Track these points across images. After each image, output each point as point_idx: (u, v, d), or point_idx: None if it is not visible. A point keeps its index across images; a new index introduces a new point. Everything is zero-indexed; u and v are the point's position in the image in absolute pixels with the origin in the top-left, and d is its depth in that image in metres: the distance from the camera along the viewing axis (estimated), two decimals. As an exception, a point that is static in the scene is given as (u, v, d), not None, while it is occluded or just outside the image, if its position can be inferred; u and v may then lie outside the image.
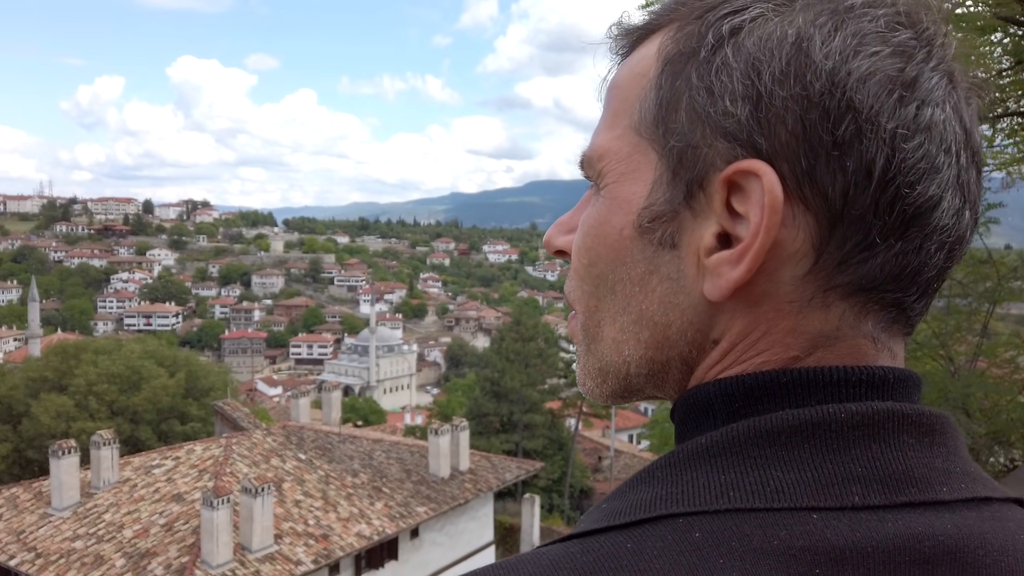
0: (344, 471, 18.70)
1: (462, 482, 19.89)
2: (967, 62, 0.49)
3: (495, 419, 30.99)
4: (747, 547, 0.39)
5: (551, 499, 28.94)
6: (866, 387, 0.45)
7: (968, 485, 0.44)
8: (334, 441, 20.35)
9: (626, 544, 0.40)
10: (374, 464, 19.59)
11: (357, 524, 16.81)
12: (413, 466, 19.96)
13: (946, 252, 0.46)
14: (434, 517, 18.20)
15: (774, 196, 0.43)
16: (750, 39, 0.45)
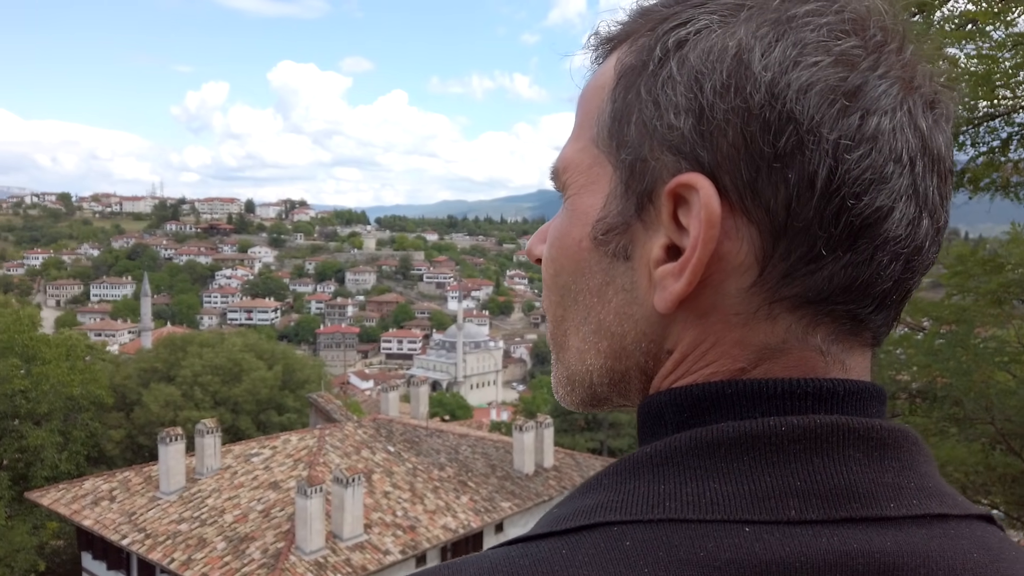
0: (431, 464, 19.04)
1: (546, 479, 19.91)
2: (939, 66, 0.48)
3: (580, 417, 30.86)
4: (673, 557, 0.39)
5: (637, 499, 28.61)
6: (812, 400, 0.44)
7: (922, 501, 0.43)
8: (422, 435, 20.75)
9: (561, 550, 0.41)
10: (460, 458, 19.85)
11: (443, 517, 17.09)
12: (498, 461, 20.13)
13: (902, 263, 0.45)
14: (518, 513, 18.29)
15: (710, 210, 0.43)
16: (694, 52, 0.45)
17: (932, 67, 0.48)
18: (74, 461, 24.01)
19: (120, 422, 26.71)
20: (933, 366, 3.94)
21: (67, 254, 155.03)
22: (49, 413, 23.66)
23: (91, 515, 17.14)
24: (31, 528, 20.91)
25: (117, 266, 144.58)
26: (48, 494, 18.35)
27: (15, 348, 23.93)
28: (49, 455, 22.93)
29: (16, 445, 23.02)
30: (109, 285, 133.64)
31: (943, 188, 0.46)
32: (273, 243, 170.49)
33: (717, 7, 0.46)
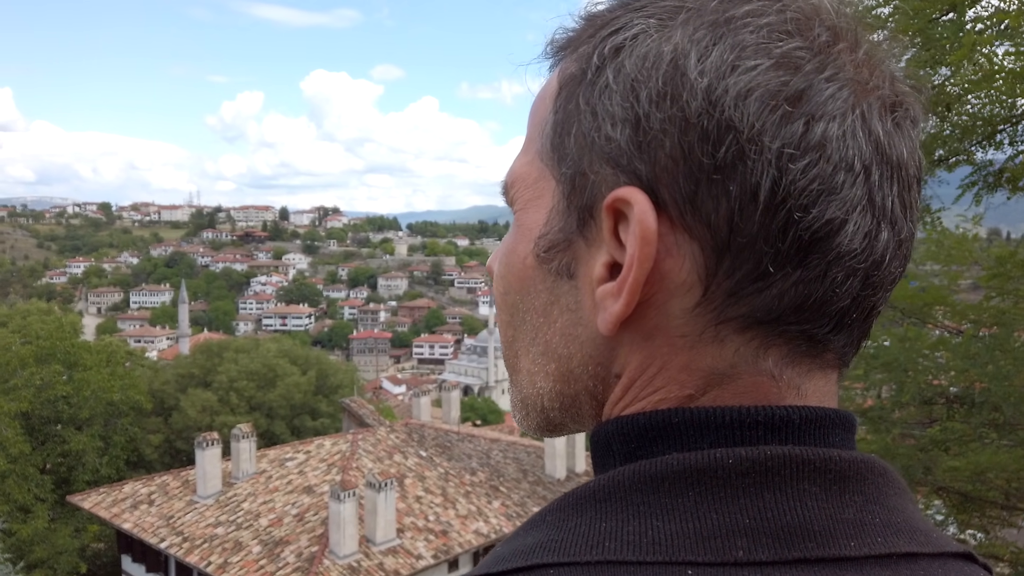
0: (463, 469, 19.08)
1: (578, 484, 19.82)
2: (904, 64, 0.46)
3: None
4: None
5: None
6: (763, 429, 0.41)
7: (887, 539, 0.39)
8: (453, 439, 20.81)
9: None
10: (491, 463, 19.87)
11: (475, 522, 17.11)
12: (529, 466, 20.11)
13: (860, 279, 0.42)
14: (551, 518, 18.24)
15: (644, 226, 0.41)
16: (630, 59, 0.43)
17: (896, 67, 0.45)
18: (114, 465, 24.52)
19: (158, 427, 27.21)
20: (971, 370, 3.85)
21: (108, 262, 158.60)
22: (90, 418, 24.21)
23: (130, 518, 17.47)
24: (73, 531, 21.40)
25: (156, 274, 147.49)
26: (89, 498, 18.75)
27: (57, 355, 24.57)
28: (90, 459, 23.46)
29: (59, 450, 23.59)
30: (148, 292, 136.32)
31: (907, 197, 0.43)
32: (307, 250, 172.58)
33: (656, 10, 0.43)
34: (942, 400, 4.33)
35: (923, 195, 2.74)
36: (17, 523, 19.58)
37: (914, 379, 3.99)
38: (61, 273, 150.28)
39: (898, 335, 4.19)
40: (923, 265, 4.62)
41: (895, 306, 4.27)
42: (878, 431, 4.25)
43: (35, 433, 23.43)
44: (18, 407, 22.35)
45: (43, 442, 23.65)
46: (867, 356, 4.10)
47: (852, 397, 4.56)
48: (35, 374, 23.36)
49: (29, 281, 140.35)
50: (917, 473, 4.15)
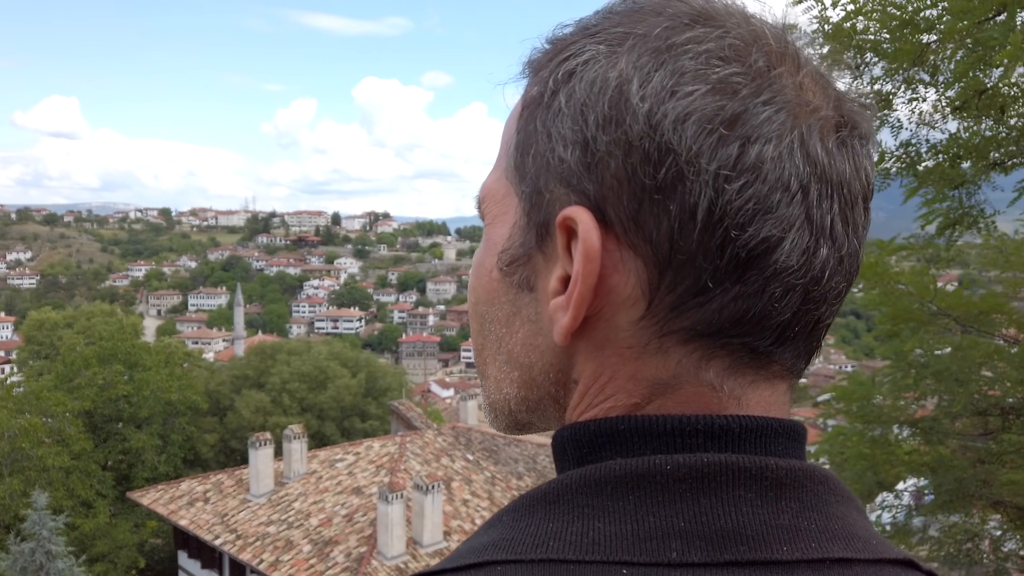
0: (509, 473, 19.12)
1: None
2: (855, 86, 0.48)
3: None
4: None
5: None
6: (703, 437, 0.43)
7: (822, 544, 0.41)
8: (500, 443, 20.87)
9: None
10: (538, 468, 19.86)
11: (521, 526, 17.13)
12: (577, 472, 20.06)
13: (799, 295, 0.43)
14: (597, 524, 18.14)
15: (587, 244, 0.43)
16: (580, 84, 0.45)
17: (845, 87, 0.46)
18: (172, 463, 25.22)
19: (214, 426, 27.89)
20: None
21: (167, 266, 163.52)
22: (149, 417, 24.95)
23: (187, 515, 17.98)
24: (132, 526, 22.08)
25: (213, 277, 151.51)
26: (148, 494, 19.34)
27: (119, 355, 25.39)
28: (149, 457, 24.16)
29: (120, 447, 24.37)
30: (205, 295, 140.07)
31: (849, 214, 0.44)
32: (358, 254, 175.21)
33: (606, 37, 0.45)
34: (997, 411, 4.20)
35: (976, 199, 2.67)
36: (80, 518, 20.27)
37: (967, 389, 3.87)
38: (123, 276, 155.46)
39: (952, 343, 4.08)
40: (985, 271, 4.49)
41: (949, 314, 4.16)
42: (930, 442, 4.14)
43: (97, 431, 24.26)
44: (81, 405, 23.18)
45: (105, 440, 24.48)
46: (918, 365, 4.00)
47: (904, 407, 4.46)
48: (97, 374, 24.19)
49: (93, 284, 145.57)
50: (972, 486, 4.02)
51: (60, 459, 20.92)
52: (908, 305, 4.18)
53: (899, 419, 4.58)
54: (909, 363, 4.24)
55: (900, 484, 5.40)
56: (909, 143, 3.53)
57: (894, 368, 4.46)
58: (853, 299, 4.95)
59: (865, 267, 4.26)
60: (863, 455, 4.73)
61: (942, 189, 3.58)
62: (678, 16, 0.45)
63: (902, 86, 3.32)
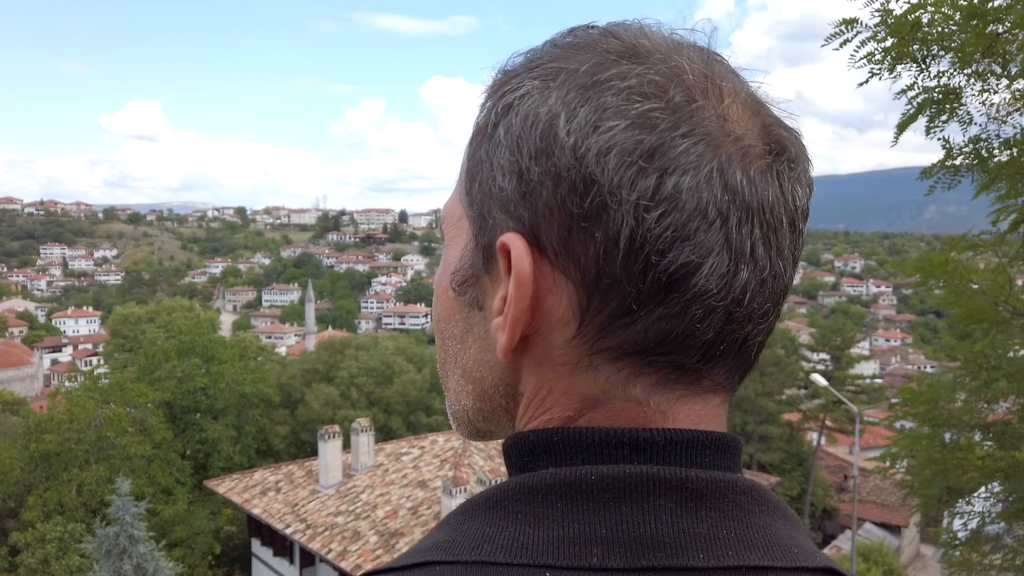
0: (572, 471, 19.10)
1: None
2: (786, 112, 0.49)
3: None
4: None
5: (789, 516, 27.23)
6: (628, 449, 0.45)
7: (739, 553, 0.42)
8: (563, 441, 20.84)
9: None
10: (601, 466, 19.80)
11: (584, 524, 17.09)
12: (640, 471, 19.88)
13: (722, 316, 0.45)
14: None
15: (518, 269, 0.46)
16: (516, 117, 0.48)
17: (773, 114, 0.48)
18: (246, 454, 26.09)
19: (286, 419, 28.69)
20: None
21: (242, 263, 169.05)
22: (225, 409, 25.87)
23: (259, 504, 18.60)
24: (209, 513, 22.93)
25: (285, 274, 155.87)
26: (223, 483, 20.09)
27: (197, 349, 26.41)
28: (225, 447, 25.04)
29: (197, 437, 25.35)
30: (278, 291, 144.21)
31: (772, 237, 0.46)
32: (424, 251, 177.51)
33: (542, 72, 0.48)
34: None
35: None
36: (160, 504, 21.14)
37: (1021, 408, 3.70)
38: (201, 273, 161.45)
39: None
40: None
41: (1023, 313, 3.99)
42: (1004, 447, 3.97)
43: (177, 421, 25.28)
44: (162, 397, 24.19)
45: (183, 430, 25.49)
46: (989, 366, 3.85)
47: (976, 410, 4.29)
48: (177, 366, 25.20)
49: (174, 280, 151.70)
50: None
51: (142, 448, 21.92)
52: (982, 305, 4.02)
53: (970, 423, 4.42)
54: (980, 365, 4.08)
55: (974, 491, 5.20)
56: (979, 138, 3.40)
57: (965, 370, 4.30)
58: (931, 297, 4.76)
59: (934, 264, 4.12)
60: (933, 459, 4.58)
61: (1015, 185, 3.44)
62: (607, 52, 0.47)
63: (972, 79, 3.20)
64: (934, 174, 3.60)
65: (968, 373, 4.24)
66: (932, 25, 3.05)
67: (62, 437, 21.30)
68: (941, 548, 6.70)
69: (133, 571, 14.18)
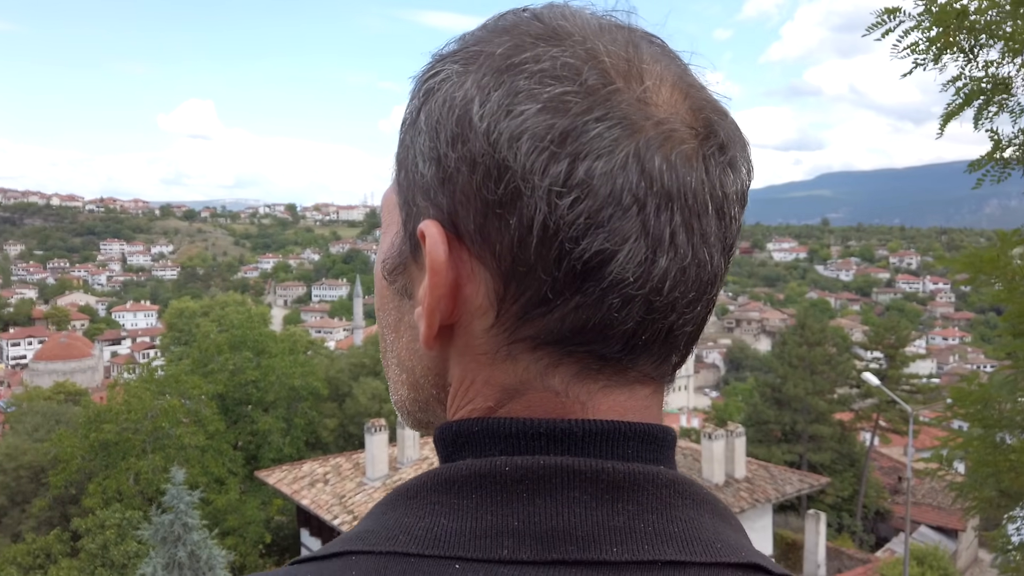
0: (616, 468, 19.03)
1: (737, 490, 19.16)
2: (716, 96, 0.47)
3: (776, 427, 29.31)
4: None
5: (840, 518, 26.66)
6: (545, 440, 0.44)
7: (656, 547, 0.42)
8: (607, 437, 20.77)
9: (306, 575, 0.44)
10: (646, 463, 19.67)
11: (628, 521, 17.02)
12: (686, 469, 19.65)
13: (640, 305, 0.44)
14: (706, 523, 17.79)
15: (432, 257, 0.45)
16: (435, 103, 0.47)
17: (704, 96, 0.46)
18: (295, 445, 26.61)
19: (334, 412, 29.15)
20: None
21: (293, 258, 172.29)
22: (275, 401, 26.43)
23: (308, 495, 18.98)
24: (260, 503, 23.47)
25: (334, 269, 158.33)
26: (274, 474, 20.55)
27: (248, 342, 27.03)
28: (275, 439, 25.57)
29: (249, 429, 25.97)
30: (327, 287, 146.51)
31: (696, 224, 0.44)
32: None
33: (462, 56, 0.47)
34: None
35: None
36: (213, 493, 21.71)
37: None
38: (253, 268, 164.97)
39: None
40: None
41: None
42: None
43: (229, 413, 25.92)
44: (215, 389, 24.85)
45: (235, 421, 26.13)
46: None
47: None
48: (229, 360, 25.82)
49: (227, 275, 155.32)
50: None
51: (196, 438, 22.54)
52: (1036, 302, 3.88)
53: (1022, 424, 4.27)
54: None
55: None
56: (1031, 129, 3.28)
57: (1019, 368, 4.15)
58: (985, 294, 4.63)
59: (984, 260, 3.99)
60: (985, 461, 4.44)
61: (1069, 178, 3.31)
62: (526, 35, 0.46)
63: (1022, 68, 3.09)
64: (983, 167, 3.49)
65: (1020, 372, 4.10)
66: (980, 13, 2.95)
67: (120, 427, 22.05)
68: (994, 553, 6.50)
69: (187, 558, 14.60)
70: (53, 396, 38.86)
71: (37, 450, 24.92)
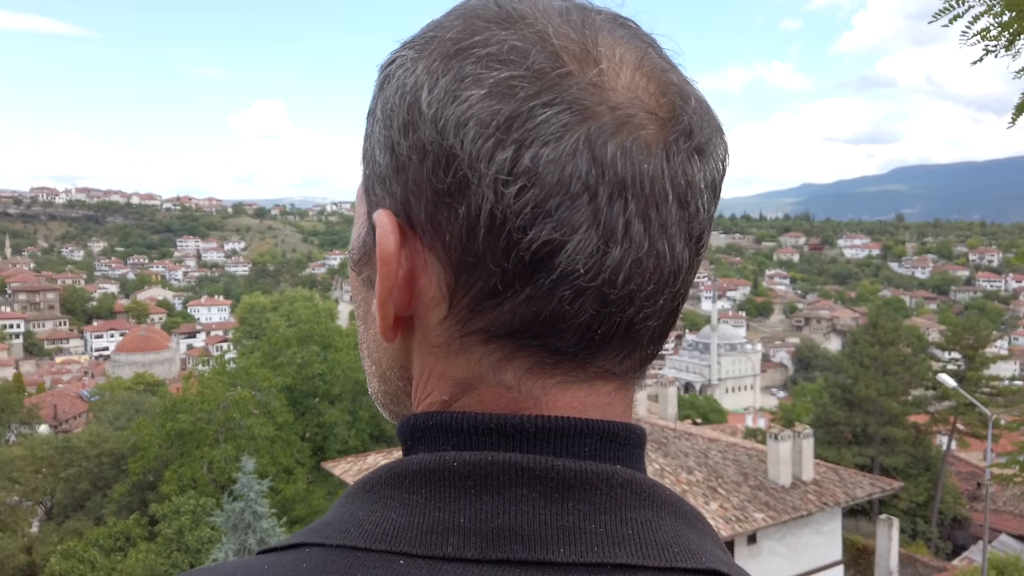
0: (679, 467, 18.80)
1: (804, 493, 18.69)
2: None
3: (846, 429, 28.45)
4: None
5: (914, 524, 25.72)
6: (496, 436, 0.43)
7: (607, 549, 0.40)
8: (669, 436, 20.56)
9: (263, 565, 0.43)
10: (709, 463, 19.36)
11: (690, 521, 16.79)
12: (751, 470, 19.31)
13: (593, 298, 0.42)
14: (773, 526, 17.40)
15: (381, 247, 0.44)
16: (390, 90, 0.46)
17: (671, 85, 0.44)
18: (360, 438, 27.13)
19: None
20: None
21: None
22: (341, 395, 27.01)
23: (372, 487, 19.33)
24: (326, 493, 24.05)
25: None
26: (339, 465, 21.00)
27: (315, 337, 27.71)
28: (341, 431, 26.14)
29: (316, 421, 26.62)
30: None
31: (653, 214, 0.42)
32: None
33: (417, 42, 0.46)
34: None
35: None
36: (282, 483, 22.39)
37: None
38: (321, 264, 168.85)
39: None
40: None
41: None
42: None
43: (297, 405, 26.62)
44: (284, 381, 25.56)
45: (303, 413, 26.81)
46: None
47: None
48: (297, 353, 26.51)
49: (296, 271, 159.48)
50: None
51: (266, 429, 23.25)
52: None
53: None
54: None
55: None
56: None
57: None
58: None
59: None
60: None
61: None
62: (478, 19, 0.44)
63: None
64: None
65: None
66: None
67: (194, 417, 22.92)
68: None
69: (256, 545, 15.07)
70: (133, 387, 40.64)
71: (118, 438, 26.14)
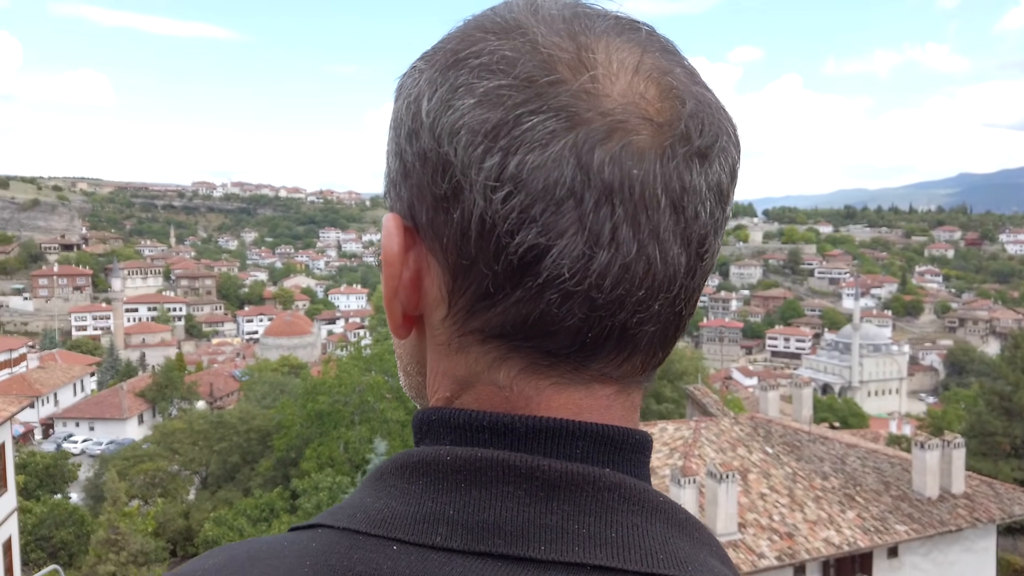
0: (813, 472, 17.94)
1: (954, 506, 17.33)
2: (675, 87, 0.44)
3: (1004, 440, 26.10)
4: (327, 563, 0.42)
5: (1083, 549, 23.27)
6: (489, 433, 0.45)
7: (587, 550, 0.41)
8: (803, 439, 19.64)
9: (283, 542, 0.45)
10: (847, 470, 18.35)
11: (825, 529, 16.01)
12: (893, 479, 18.12)
13: (582, 302, 0.43)
14: (917, 539, 16.27)
15: (385, 249, 0.47)
16: (400, 100, 0.49)
17: (674, 91, 0.44)
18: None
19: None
20: None
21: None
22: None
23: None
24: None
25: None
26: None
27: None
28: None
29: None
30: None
31: (643, 219, 0.42)
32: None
33: (427, 53, 0.49)
34: None
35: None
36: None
37: None
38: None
39: None
40: None
41: None
42: None
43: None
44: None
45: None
46: None
47: None
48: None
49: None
50: None
51: (397, 413, 24.23)
52: None
53: None
54: None
55: None
56: None
57: None
58: None
59: None
60: None
61: None
62: (478, 29, 0.46)
63: None
64: None
65: None
66: None
67: (332, 399, 24.21)
68: None
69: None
70: (279, 368, 43.42)
71: (265, 415, 28.04)
